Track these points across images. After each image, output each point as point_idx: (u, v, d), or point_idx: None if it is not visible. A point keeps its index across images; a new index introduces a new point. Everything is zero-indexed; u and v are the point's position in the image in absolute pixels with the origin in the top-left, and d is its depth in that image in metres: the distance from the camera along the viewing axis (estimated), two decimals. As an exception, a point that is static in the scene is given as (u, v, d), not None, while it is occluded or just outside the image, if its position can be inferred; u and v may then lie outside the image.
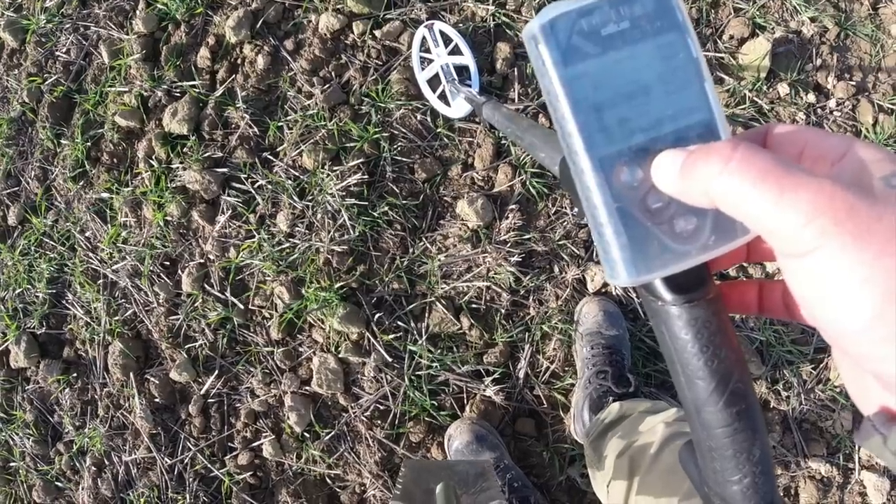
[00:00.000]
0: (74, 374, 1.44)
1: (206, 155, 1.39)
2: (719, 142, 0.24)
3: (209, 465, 1.33)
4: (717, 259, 0.30)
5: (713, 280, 0.28)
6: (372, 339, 1.30)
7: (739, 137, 0.28)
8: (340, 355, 1.30)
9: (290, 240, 1.35)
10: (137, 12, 1.51)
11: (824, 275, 0.22)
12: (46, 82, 1.54)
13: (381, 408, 1.29)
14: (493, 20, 1.38)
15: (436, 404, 1.28)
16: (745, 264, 1.26)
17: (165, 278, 1.40)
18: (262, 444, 1.32)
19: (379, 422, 1.29)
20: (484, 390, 1.26)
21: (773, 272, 1.26)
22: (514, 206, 1.31)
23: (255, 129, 1.40)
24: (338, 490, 1.30)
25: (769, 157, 0.22)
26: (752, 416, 0.28)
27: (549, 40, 0.26)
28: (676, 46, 0.26)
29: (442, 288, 1.30)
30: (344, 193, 1.33)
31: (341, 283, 1.31)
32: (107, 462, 1.39)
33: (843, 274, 0.21)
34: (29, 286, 1.50)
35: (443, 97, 1.34)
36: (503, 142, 1.34)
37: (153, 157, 1.44)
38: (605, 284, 1.29)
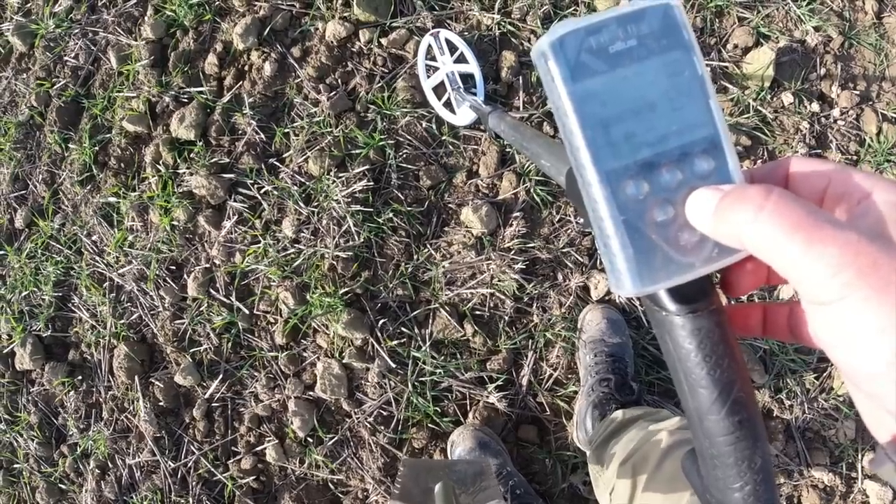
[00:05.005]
0: (79, 377, 1.45)
1: (212, 160, 1.40)
2: (752, 186, 0.25)
3: (212, 469, 1.34)
4: (738, 282, 0.31)
5: (716, 291, 0.29)
6: (376, 345, 1.30)
7: (759, 170, 0.29)
8: (344, 361, 1.31)
9: (296, 245, 1.35)
10: (146, 18, 1.52)
11: (846, 323, 0.23)
12: (55, 87, 1.56)
13: (385, 413, 1.29)
14: (499, 29, 1.39)
15: (439, 410, 1.28)
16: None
17: (171, 282, 1.41)
18: (265, 448, 1.32)
19: (382, 427, 1.29)
20: (487, 397, 1.27)
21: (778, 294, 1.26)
22: (518, 214, 1.32)
23: (262, 136, 1.41)
24: (340, 495, 1.31)
25: (800, 208, 0.24)
26: (753, 424, 0.28)
27: (559, 57, 0.27)
28: (682, 64, 0.27)
29: (446, 294, 1.31)
30: (349, 200, 1.33)
31: (346, 289, 1.31)
32: (110, 465, 1.40)
33: (863, 323, 0.22)
34: (35, 289, 1.51)
35: (448, 105, 1.35)
36: (508, 149, 1.35)
37: (160, 162, 1.45)
38: (609, 292, 1.29)
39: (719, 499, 0.30)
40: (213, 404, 1.36)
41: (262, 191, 1.39)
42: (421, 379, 1.29)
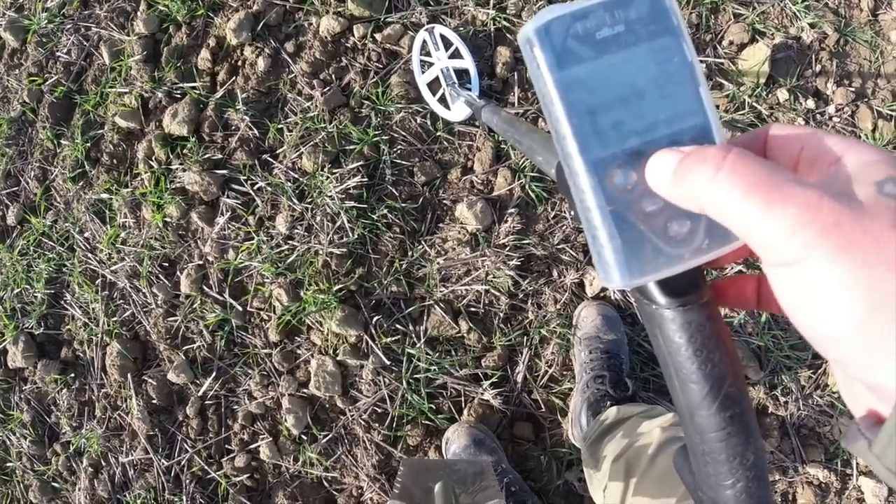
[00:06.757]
0: (72, 375, 1.44)
1: (205, 156, 1.39)
2: (711, 147, 0.24)
3: (206, 467, 1.33)
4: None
5: (707, 284, 0.28)
6: (370, 342, 1.29)
7: (739, 140, 0.28)
8: (338, 358, 1.30)
9: (289, 242, 1.35)
10: (138, 13, 1.51)
11: (809, 284, 0.22)
12: (47, 82, 1.54)
13: (379, 411, 1.29)
14: (494, 24, 1.38)
15: (434, 408, 1.28)
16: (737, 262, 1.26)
17: (164, 279, 1.40)
18: (259, 446, 1.32)
19: (377, 425, 1.28)
20: (482, 394, 1.26)
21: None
22: (513, 210, 1.31)
23: (255, 131, 1.40)
24: (335, 493, 1.30)
25: (759, 166, 0.23)
26: (745, 420, 0.27)
27: (544, 43, 0.26)
28: (671, 50, 0.26)
29: (440, 291, 1.30)
30: (343, 196, 1.33)
31: (340, 286, 1.31)
32: (103, 463, 1.39)
33: (827, 283, 0.21)
34: (27, 286, 1.50)
35: (443, 100, 1.34)
36: (503, 145, 1.34)
37: (153, 159, 1.44)
38: (604, 289, 1.29)
39: (711, 496, 0.29)
40: (207, 402, 1.35)
41: (255, 187, 1.38)
42: (415, 376, 1.28)
